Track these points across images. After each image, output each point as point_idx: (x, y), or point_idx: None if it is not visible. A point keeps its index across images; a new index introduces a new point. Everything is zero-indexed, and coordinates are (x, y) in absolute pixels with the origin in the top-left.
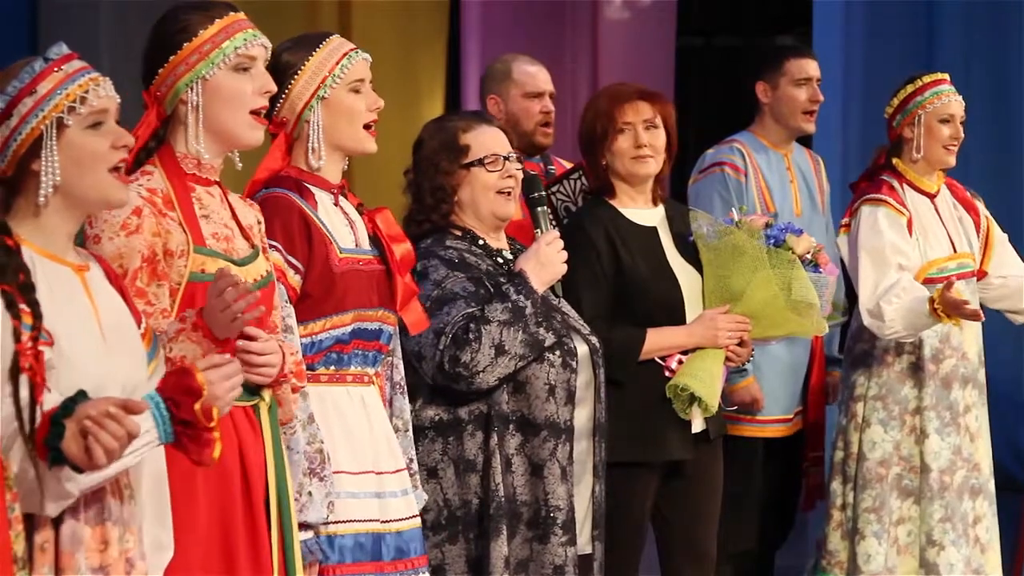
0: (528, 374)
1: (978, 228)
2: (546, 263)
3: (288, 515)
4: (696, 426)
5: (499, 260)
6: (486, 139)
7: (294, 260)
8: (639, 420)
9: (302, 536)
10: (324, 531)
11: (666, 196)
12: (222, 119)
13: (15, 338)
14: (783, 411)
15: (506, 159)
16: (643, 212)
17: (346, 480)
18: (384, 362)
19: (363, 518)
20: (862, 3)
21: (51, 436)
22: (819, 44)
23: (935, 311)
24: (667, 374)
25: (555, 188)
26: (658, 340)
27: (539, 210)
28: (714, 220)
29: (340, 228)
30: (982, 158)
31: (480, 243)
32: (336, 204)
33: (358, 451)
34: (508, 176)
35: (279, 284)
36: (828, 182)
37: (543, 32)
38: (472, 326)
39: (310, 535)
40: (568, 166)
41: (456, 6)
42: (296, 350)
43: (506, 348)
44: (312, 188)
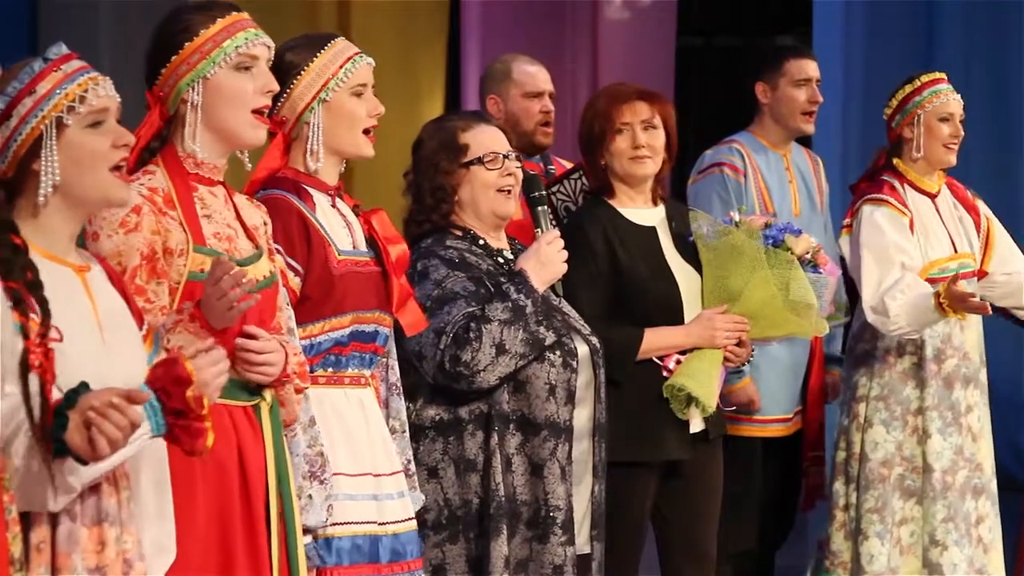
0: (528, 374)
1: (978, 228)
2: (546, 262)
3: (292, 516)
4: (695, 426)
5: (500, 260)
6: (485, 138)
7: (293, 262)
8: (637, 420)
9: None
10: (322, 533)
11: (666, 196)
12: (224, 118)
13: (23, 335)
14: (783, 411)
15: (505, 157)
16: (642, 212)
17: (344, 482)
18: (380, 364)
19: (361, 520)
20: (862, 3)
21: (54, 427)
22: (819, 44)
23: (940, 305)
24: (665, 374)
25: (555, 188)
26: (656, 340)
27: (539, 209)
28: (714, 220)
29: (338, 230)
30: (982, 158)
31: (480, 243)
32: (333, 206)
33: (356, 453)
34: (508, 174)
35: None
36: (827, 182)
37: (543, 32)
38: (473, 325)
39: (308, 539)
40: (568, 166)
41: (456, 6)
42: (299, 351)
43: (507, 347)
44: (310, 190)
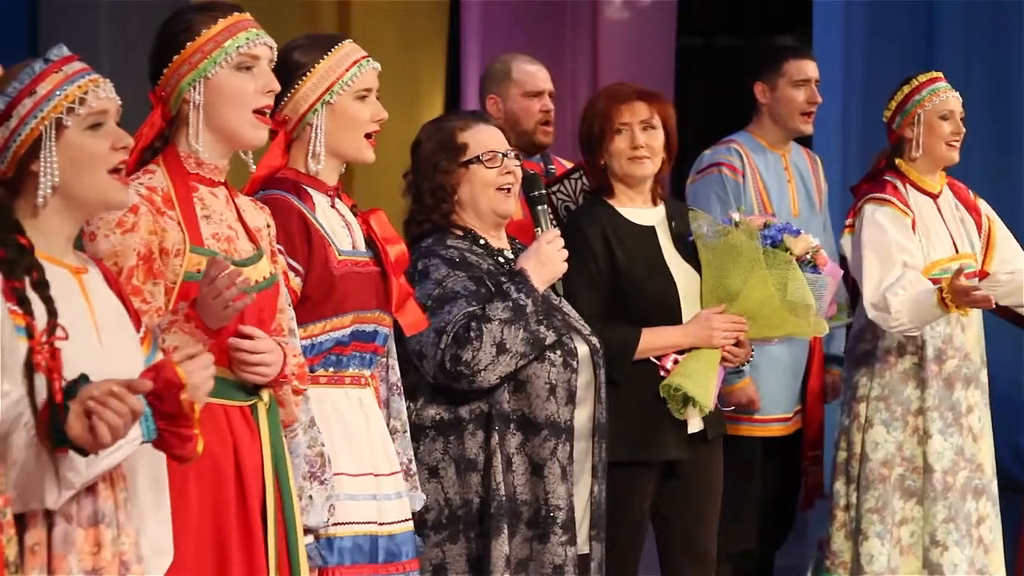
0: (529, 373)
1: (980, 228)
2: (547, 262)
3: (292, 516)
4: (693, 426)
5: (500, 260)
6: (483, 137)
7: (294, 263)
8: (635, 420)
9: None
10: (324, 533)
11: (666, 195)
12: (224, 118)
13: (28, 334)
14: (782, 410)
15: (504, 156)
16: (642, 212)
17: (346, 482)
18: (379, 364)
19: (361, 520)
20: (862, 3)
21: (54, 417)
22: (819, 44)
23: (943, 301)
24: (662, 374)
25: (555, 188)
26: (653, 339)
27: (539, 209)
28: (713, 220)
29: (338, 230)
30: (982, 158)
31: (481, 242)
32: (333, 206)
33: (357, 453)
34: (507, 172)
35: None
36: (826, 182)
37: (543, 32)
38: (473, 325)
39: (310, 539)
40: (568, 166)
41: (456, 6)
42: (298, 352)
43: (507, 346)
44: (309, 190)
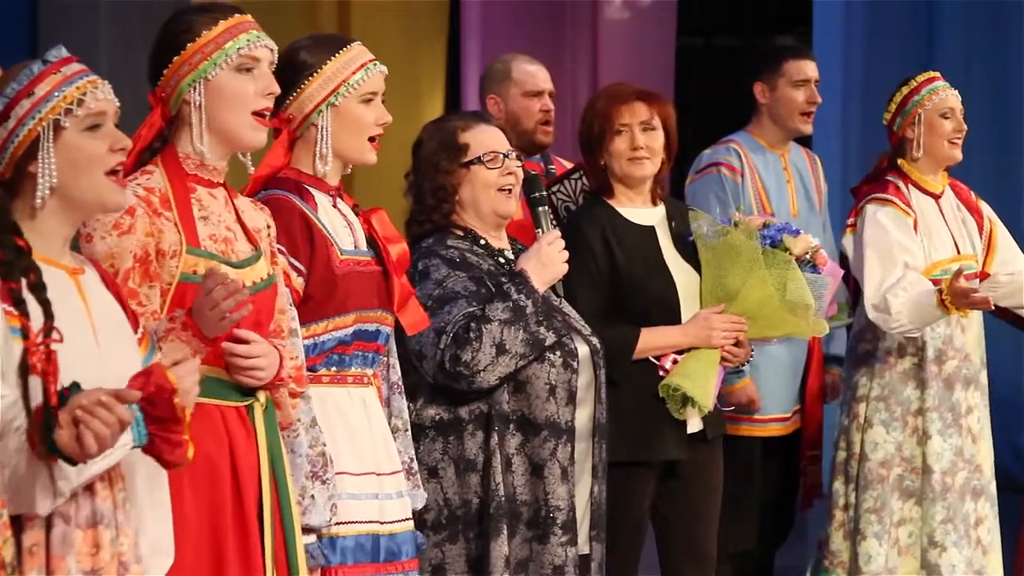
0: (529, 374)
1: (981, 230)
2: (547, 263)
3: (290, 517)
4: (692, 426)
5: (500, 260)
6: (485, 137)
7: (296, 262)
8: (634, 420)
9: (304, 540)
10: (326, 532)
11: (666, 195)
12: (224, 119)
13: (23, 335)
14: (781, 410)
15: (505, 156)
16: (641, 211)
17: (348, 481)
18: (381, 363)
19: (364, 519)
20: (862, 3)
21: (44, 425)
22: (819, 44)
23: (943, 302)
24: (661, 373)
25: (555, 188)
26: (652, 339)
27: (540, 210)
28: (713, 220)
29: (340, 230)
30: (982, 158)
31: (482, 243)
32: (334, 206)
33: (360, 452)
34: (508, 173)
35: (286, 288)
36: (826, 182)
37: (543, 32)
38: (473, 325)
39: (312, 539)
40: (568, 166)
41: (456, 6)
42: (295, 354)
43: (507, 347)
44: (311, 190)
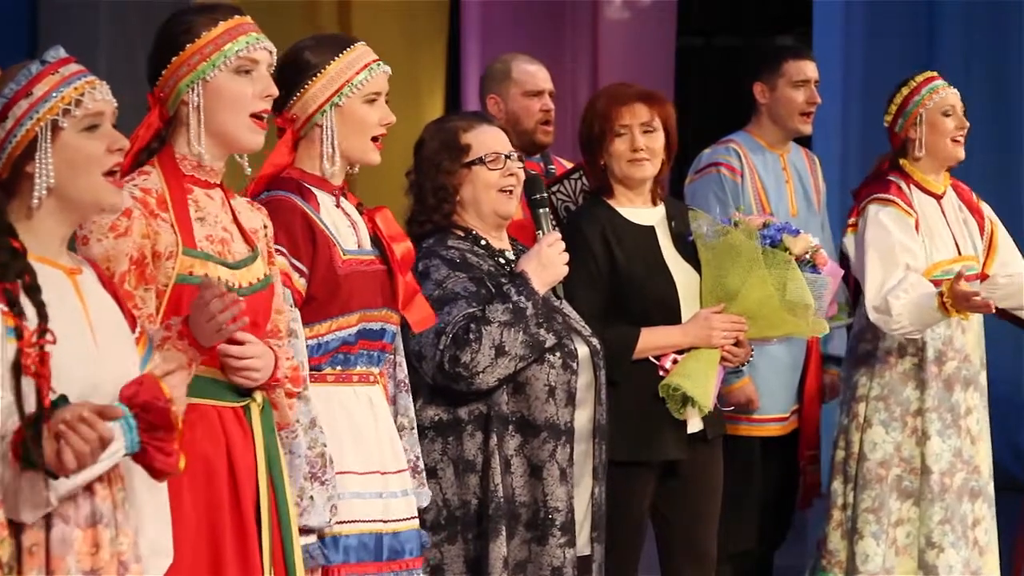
0: (528, 375)
1: (982, 231)
2: (547, 264)
3: (286, 517)
4: (693, 426)
5: (501, 261)
6: (487, 138)
7: (298, 263)
8: (634, 420)
9: (304, 540)
10: (329, 531)
11: (666, 195)
12: (222, 121)
13: (17, 336)
14: (780, 410)
15: (507, 157)
16: (641, 211)
17: (352, 480)
18: (388, 361)
19: (367, 518)
20: (862, 3)
21: (26, 438)
22: (819, 44)
23: (943, 305)
24: (661, 373)
25: (555, 188)
26: (652, 339)
27: (541, 212)
28: (713, 220)
29: (343, 229)
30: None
31: (482, 243)
32: (338, 205)
33: (365, 451)
34: (509, 174)
35: (284, 289)
36: (824, 182)
37: (543, 32)
38: (473, 326)
39: (313, 539)
40: (568, 166)
41: (456, 6)
42: (292, 355)
43: (506, 349)
44: (314, 190)
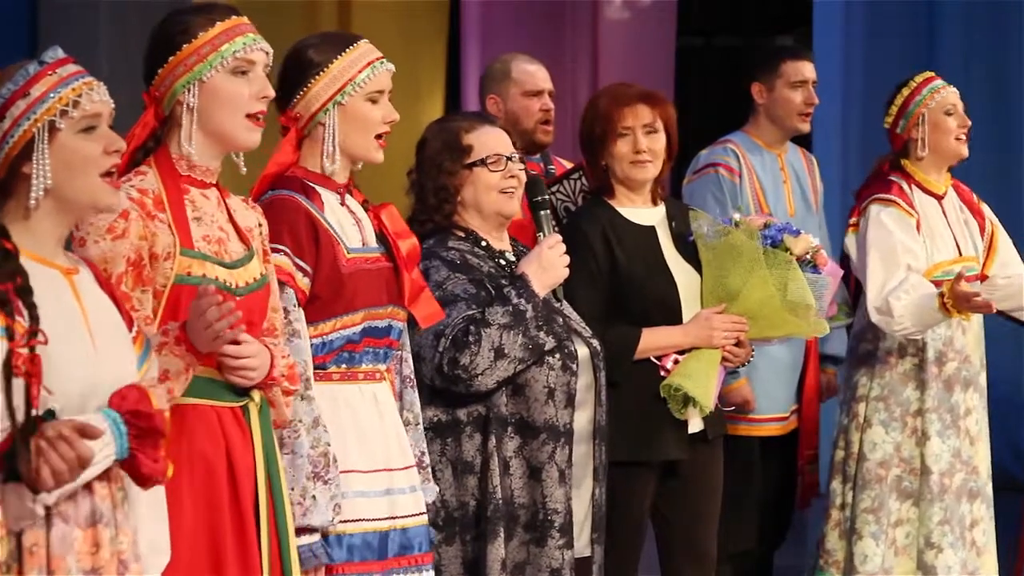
0: (528, 377)
1: (982, 231)
2: (548, 267)
3: (283, 516)
4: (693, 426)
5: (501, 262)
6: (489, 139)
7: (302, 263)
8: (635, 420)
9: (307, 540)
10: (333, 530)
11: (666, 195)
12: (219, 121)
13: (8, 336)
14: (779, 410)
15: (509, 159)
16: (642, 212)
17: (357, 479)
18: (395, 357)
19: (372, 517)
20: (862, 3)
21: (8, 452)
22: (819, 44)
23: (944, 305)
24: (662, 374)
25: (555, 188)
26: (653, 339)
27: (542, 214)
28: (714, 220)
29: (347, 228)
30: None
31: (483, 244)
32: (343, 204)
33: (370, 449)
34: (511, 176)
35: (288, 288)
36: (822, 182)
37: (543, 32)
38: (472, 328)
39: (316, 538)
40: (568, 166)
41: (456, 6)
42: (287, 353)
43: (505, 351)
44: (318, 188)
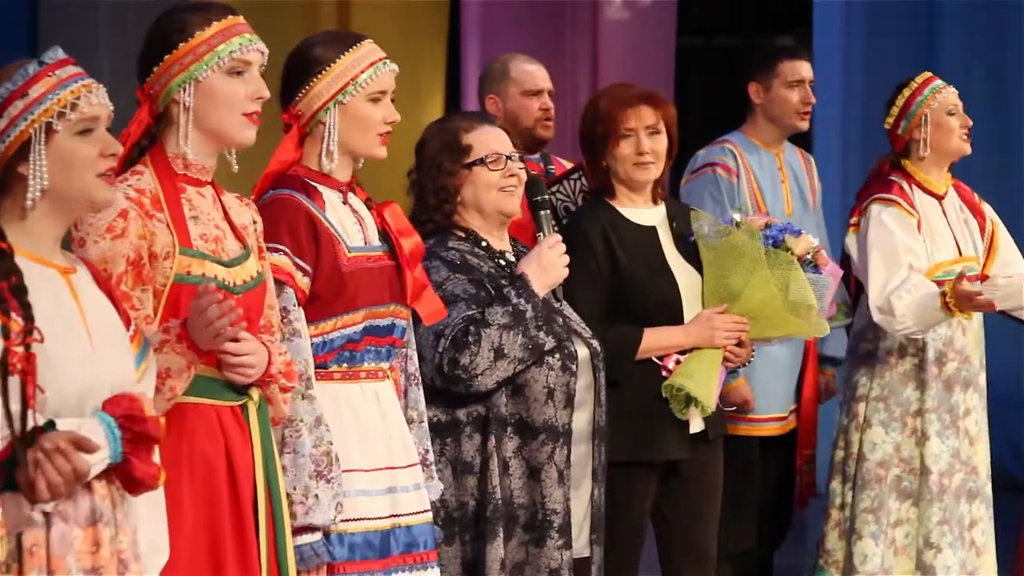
0: (527, 377)
1: (983, 231)
2: (548, 267)
3: (280, 515)
4: (694, 426)
5: (501, 263)
6: (488, 139)
7: (302, 262)
8: (636, 420)
9: (309, 538)
10: (335, 529)
11: (667, 195)
12: (215, 120)
13: (4, 334)
14: (779, 409)
15: (508, 158)
16: (643, 212)
17: (359, 478)
18: (399, 355)
19: (374, 516)
20: (862, 3)
21: (7, 462)
22: (819, 44)
23: (946, 305)
24: (664, 374)
25: (555, 188)
26: (655, 340)
27: (542, 214)
28: (715, 220)
29: (349, 227)
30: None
31: (483, 245)
32: (345, 202)
33: (371, 448)
34: (511, 175)
35: (287, 288)
36: (821, 181)
37: (543, 32)
38: (472, 329)
39: (318, 537)
40: (568, 166)
41: (456, 6)
42: (284, 350)
43: (505, 352)
44: (320, 187)
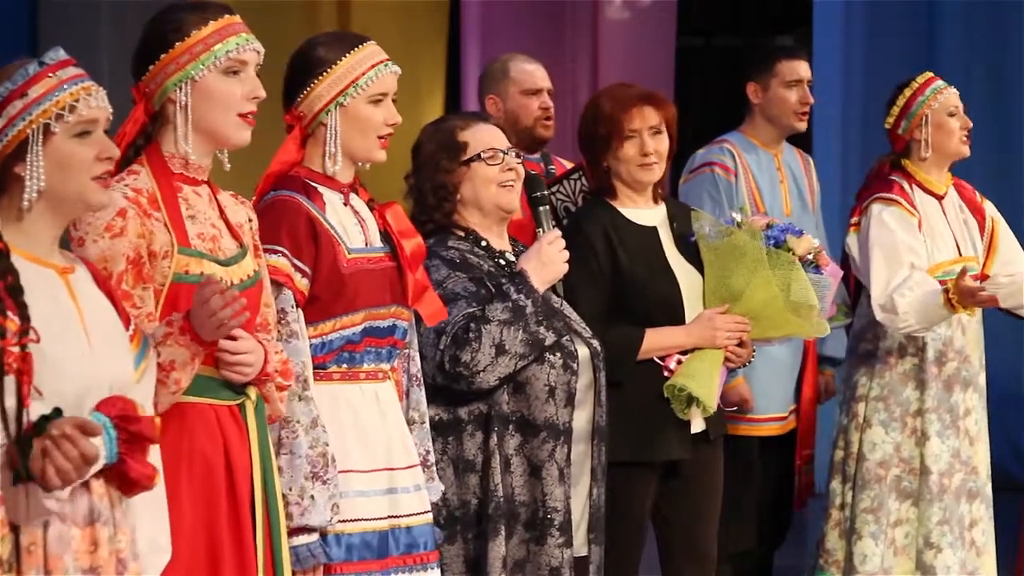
0: (528, 375)
1: (983, 231)
2: (547, 262)
3: (276, 515)
4: (695, 426)
5: (501, 262)
6: (484, 135)
7: (301, 264)
8: (638, 420)
9: (305, 539)
10: (332, 530)
11: (667, 195)
12: (210, 120)
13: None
14: (779, 409)
15: (504, 153)
16: (643, 212)
17: (357, 479)
18: (400, 356)
19: (372, 517)
20: (862, 3)
21: (20, 454)
22: (819, 44)
23: (949, 301)
24: (666, 374)
25: (555, 188)
26: (656, 340)
27: (541, 210)
28: (716, 220)
29: (350, 228)
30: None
31: (483, 244)
32: (346, 203)
33: (370, 449)
34: (508, 169)
35: (286, 290)
36: (820, 181)
37: (543, 32)
38: (472, 326)
39: (314, 538)
40: (568, 166)
41: (456, 6)
42: (281, 349)
43: (506, 348)
44: (320, 188)
